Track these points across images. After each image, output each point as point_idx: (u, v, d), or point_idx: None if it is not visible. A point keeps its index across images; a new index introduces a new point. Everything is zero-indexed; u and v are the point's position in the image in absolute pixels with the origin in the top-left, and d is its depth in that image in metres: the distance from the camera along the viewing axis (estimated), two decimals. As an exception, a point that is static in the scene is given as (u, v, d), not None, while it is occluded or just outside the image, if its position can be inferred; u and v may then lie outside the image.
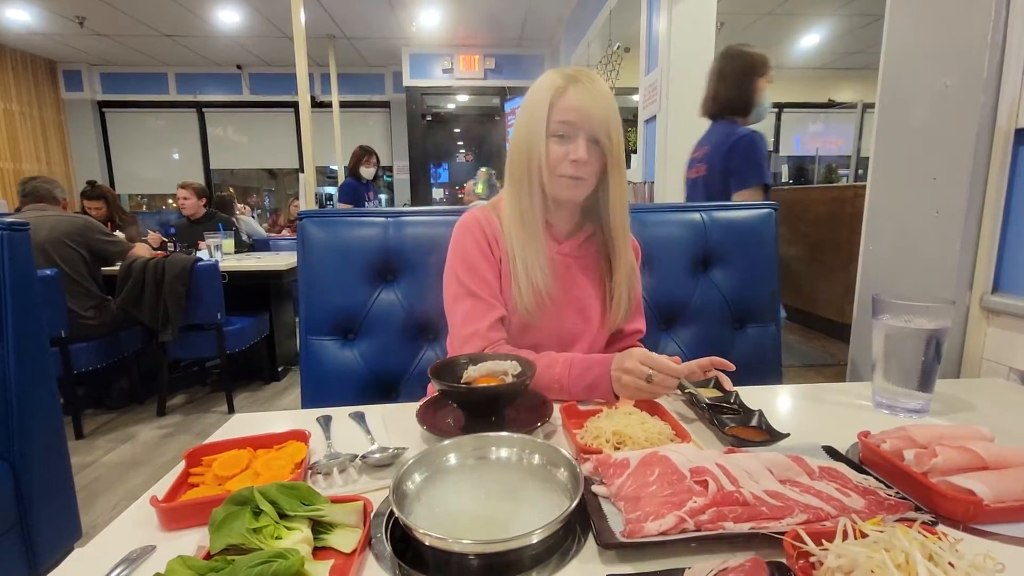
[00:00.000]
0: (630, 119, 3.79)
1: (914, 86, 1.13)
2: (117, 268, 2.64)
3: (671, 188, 2.74)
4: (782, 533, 0.46)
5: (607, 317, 0.99)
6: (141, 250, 2.80)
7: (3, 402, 1.30)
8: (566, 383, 0.84)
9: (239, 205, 4.95)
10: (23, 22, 5.27)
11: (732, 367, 0.87)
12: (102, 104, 6.99)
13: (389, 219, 1.17)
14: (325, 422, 0.77)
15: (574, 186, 0.89)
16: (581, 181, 0.89)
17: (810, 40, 6.07)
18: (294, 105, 6.82)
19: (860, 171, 5.16)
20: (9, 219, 1.33)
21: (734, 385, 0.85)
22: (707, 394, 0.82)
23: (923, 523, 0.45)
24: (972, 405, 0.82)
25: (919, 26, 1.13)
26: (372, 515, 0.53)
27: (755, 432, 0.71)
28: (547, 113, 0.87)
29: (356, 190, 4.33)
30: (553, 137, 0.88)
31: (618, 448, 0.65)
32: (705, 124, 1.92)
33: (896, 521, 0.48)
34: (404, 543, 0.50)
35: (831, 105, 7.44)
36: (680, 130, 2.67)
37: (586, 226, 1.00)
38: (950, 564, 0.39)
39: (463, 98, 6.93)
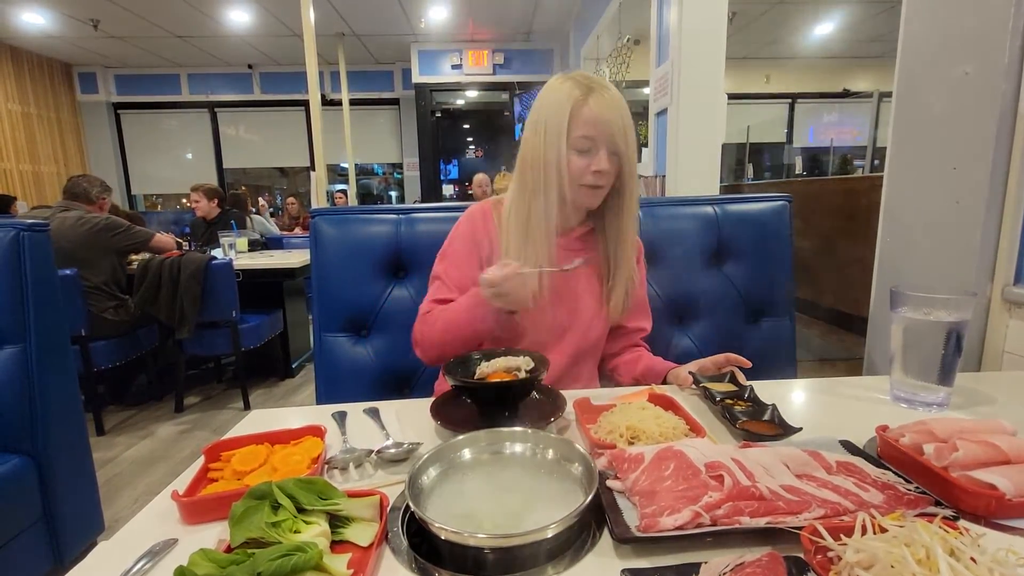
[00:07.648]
0: (640, 112, 3.76)
1: (932, 74, 1.11)
2: (145, 256, 2.69)
3: (682, 181, 2.71)
4: (799, 528, 0.45)
5: (603, 311, 0.99)
6: (164, 239, 2.86)
7: (27, 399, 1.33)
8: (463, 317, 0.89)
9: (260, 202, 4.98)
10: (39, 25, 5.35)
11: (748, 364, 0.86)
12: (117, 106, 7.10)
13: (400, 216, 1.18)
14: (340, 418, 0.78)
15: (595, 194, 0.92)
16: (601, 188, 0.91)
17: (824, 28, 5.96)
18: (304, 103, 6.83)
19: (876, 162, 5.05)
20: (30, 220, 1.36)
21: (748, 379, 0.84)
22: (722, 388, 0.82)
23: (944, 518, 0.45)
24: (993, 398, 0.81)
25: (937, 12, 1.10)
26: (388, 509, 0.54)
27: (767, 426, 0.70)
28: (567, 126, 0.87)
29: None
30: (574, 150, 0.88)
31: (632, 443, 0.65)
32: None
33: (916, 516, 0.47)
34: (420, 537, 0.51)
35: (846, 95, 7.30)
36: (692, 123, 2.64)
37: (588, 221, 1.01)
38: (972, 559, 0.39)
39: (472, 94, 6.91)
